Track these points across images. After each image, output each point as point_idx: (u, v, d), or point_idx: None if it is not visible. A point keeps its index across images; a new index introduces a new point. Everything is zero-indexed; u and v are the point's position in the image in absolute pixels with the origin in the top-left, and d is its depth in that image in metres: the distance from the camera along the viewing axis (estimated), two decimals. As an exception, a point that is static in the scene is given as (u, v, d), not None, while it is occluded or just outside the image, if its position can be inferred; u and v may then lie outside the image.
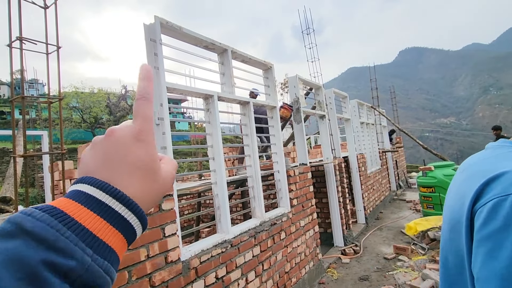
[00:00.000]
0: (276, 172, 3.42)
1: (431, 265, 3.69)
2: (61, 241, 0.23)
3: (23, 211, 0.24)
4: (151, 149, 0.31)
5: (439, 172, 5.58)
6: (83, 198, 0.27)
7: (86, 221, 0.25)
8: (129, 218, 0.28)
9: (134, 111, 0.32)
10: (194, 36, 2.47)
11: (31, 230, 0.22)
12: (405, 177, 11.77)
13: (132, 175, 0.30)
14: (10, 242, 0.22)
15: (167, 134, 2.05)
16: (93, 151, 0.31)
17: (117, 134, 0.31)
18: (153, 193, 0.31)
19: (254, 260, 2.71)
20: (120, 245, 0.27)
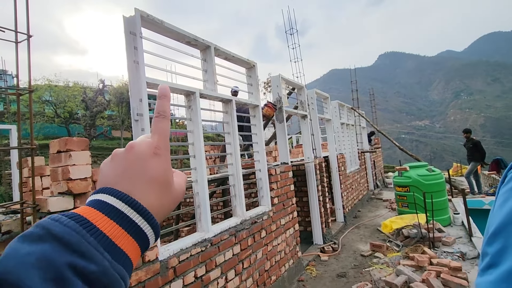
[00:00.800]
0: (258, 170, 3.43)
1: (404, 261, 3.84)
2: (84, 246, 0.25)
3: (51, 217, 0.26)
4: (166, 163, 0.34)
5: (414, 172, 5.81)
6: (104, 207, 0.29)
7: (106, 229, 0.27)
8: (144, 228, 0.30)
9: (152, 127, 0.35)
10: (176, 31, 2.41)
11: (58, 234, 0.24)
12: (382, 177, 12.18)
13: (148, 187, 0.32)
14: (39, 245, 0.23)
15: (147, 130, 1.99)
16: (112, 163, 0.34)
17: (136, 149, 0.33)
18: (167, 204, 0.34)
19: (234, 259, 2.70)
20: (135, 253, 0.29)
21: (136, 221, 0.29)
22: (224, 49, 3.02)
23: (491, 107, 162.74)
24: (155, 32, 2.41)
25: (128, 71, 2.07)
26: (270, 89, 16.11)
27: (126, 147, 0.34)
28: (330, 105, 6.58)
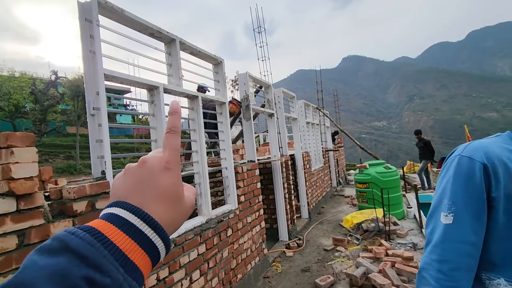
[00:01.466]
0: (224, 168, 3.39)
1: (364, 253, 4.06)
2: (100, 259, 0.25)
3: (67, 230, 0.26)
4: (177, 177, 0.35)
5: (373, 169, 6.17)
6: (117, 220, 0.29)
7: (120, 242, 0.28)
8: (156, 241, 0.30)
9: (163, 143, 0.36)
10: (138, 21, 2.28)
11: (74, 248, 0.25)
12: (344, 174, 12.78)
13: (160, 202, 0.33)
14: (56, 258, 0.24)
15: (104, 126, 1.86)
16: (125, 177, 0.35)
17: (148, 163, 0.34)
18: (177, 218, 0.34)
19: (199, 259, 2.65)
20: (147, 266, 0.29)
21: (148, 234, 0.30)
22: (190, 43, 2.93)
23: (439, 110, 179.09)
24: (115, 21, 2.25)
25: (83, 62, 1.91)
26: (237, 87, 16.03)
27: (139, 162, 0.35)
28: (296, 104, 6.73)
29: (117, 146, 19.20)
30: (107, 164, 1.85)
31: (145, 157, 0.35)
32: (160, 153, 0.35)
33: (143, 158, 0.35)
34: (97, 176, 1.88)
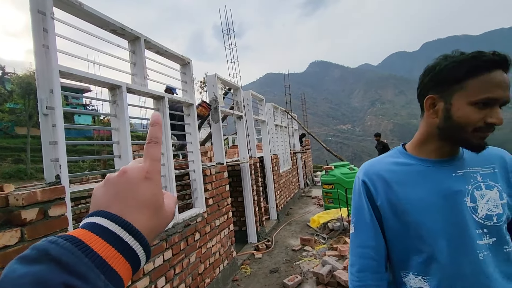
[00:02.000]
0: (192, 171, 3.32)
1: (329, 252, 4.20)
2: (80, 267, 0.26)
3: (48, 239, 0.27)
4: (157, 187, 0.35)
5: (338, 171, 6.43)
6: (98, 229, 0.30)
7: (100, 250, 0.28)
8: (136, 249, 0.31)
9: (144, 153, 0.36)
10: (99, 16, 2.16)
11: (55, 256, 0.25)
12: (312, 176, 13.16)
13: (141, 210, 0.33)
14: (36, 266, 0.24)
15: (59, 126, 1.73)
16: (105, 187, 0.35)
17: (128, 173, 0.35)
18: (157, 225, 0.35)
19: (165, 265, 2.55)
20: (127, 273, 0.30)
21: (128, 242, 0.30)
22: (156, 42, 2.83)
23: (398, 115, 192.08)
24: (73, 15, 2.11)
25: (35, 57, 1.76)
26: (206, 89, 15.90)
27: (119, 172, 0.35)
28: (265, 107, 6.81)
29: (75, 148, 17.94)
30: (62, 168, 1.72)
31: (126, 167, 0.36)
32: (140, 163, 0.36)
33: (123, 168, 0.35)
34: (51, 180, 1.73)
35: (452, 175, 0.83)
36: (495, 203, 0.80)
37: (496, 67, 0.74)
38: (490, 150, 0.86)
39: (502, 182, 0.83)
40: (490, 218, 0.79)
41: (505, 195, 0.82)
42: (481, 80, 0.75)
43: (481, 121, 0.76)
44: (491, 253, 0.78)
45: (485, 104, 0.75)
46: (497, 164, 0.85)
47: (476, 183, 0.82)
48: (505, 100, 0.76)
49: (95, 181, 4.54)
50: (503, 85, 0.74)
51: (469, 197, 0.81)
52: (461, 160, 0.86)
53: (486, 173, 0.84)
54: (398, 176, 0.88)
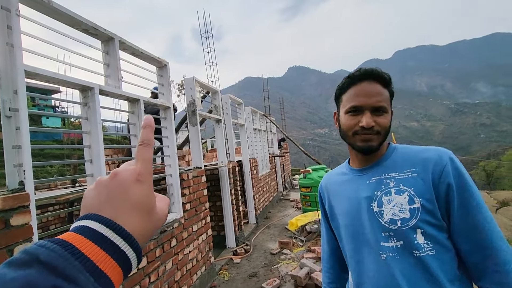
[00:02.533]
0: (169, 176, 3.24)
1: (307, 254, 4.26)
2: (69, 270, 0.25)
3: (37, 243, 0.27)
4: (149, 189, 0.35)
5: (315, 174, 6.55)
6: (88, 232, 0.29)
7: (90, 253, 0.28)
8: (128, 252, 0.30)
9: (136, 155, 0.36)
10: (70, 15, 2.07)
11: (44, 259, 0.25)
12: (290, 179, 13.31)
13: (132, 213, 0.33)
14: (25, 270, 0.24)
15: (23, 129, 1.63)
16: (96, 190, 0.35)
17: (119, 176, 0.34)
18: (149, 229, 0.35)
19: (139, 274, 2.46)
20: (118, 277, 0.29)
21: (119, 245, 0.30)
22: (132, 43, 2.76)
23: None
24: (42, 13, 2.01)
25: (-3, 55, 1.65)
26: (184, 91, 15.70)
27: (110, 175, 0.35)
28: (244, 110, 6.82)
29: (42, 152, 16.91)
30: (27, 174, 1.61)
31: (117, 169, 0.35)
32: (132, 165, 0.36)
33: (114, 170, 0.35)
34: (14, 187, 1.62)
35: (366, 182, 0.92)
36: (402, 208, 0.83)
37: (360, 80, 0.90)
38: (420, 152, 0.88)
39: (419, 186, 0.83)
40: (395, 222, 0.83)
41: (418, 199, 0.82)
42: (349, 93, 0.92)
43: (356, 125, 0.88)
44: (399, 255, 0.83)
45: (355, 111, 0.89)
46: (420, 167, 0.85)
47: (386, 189, 0.87)
48: (371, 105, 0.87)
49: (64, 187, 4.31)
50: (364, 94, 0.88)
51: (376, 202, 0.88)
52: (381, 167, 0.91)
53: (401, 178, 0.86)
54: (336, 186, 1.04)
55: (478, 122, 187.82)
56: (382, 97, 0.88)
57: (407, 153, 0.91)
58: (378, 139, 0.88)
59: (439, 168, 0.82)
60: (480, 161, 53.98)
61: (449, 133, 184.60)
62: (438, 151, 0.87)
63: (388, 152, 0.94)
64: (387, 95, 0.90)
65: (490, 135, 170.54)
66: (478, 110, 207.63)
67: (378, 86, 0.88)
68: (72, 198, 2.62)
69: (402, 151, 0.93)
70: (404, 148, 0.94)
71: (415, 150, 0.91)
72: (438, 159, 0.84)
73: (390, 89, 0.92)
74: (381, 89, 0.88)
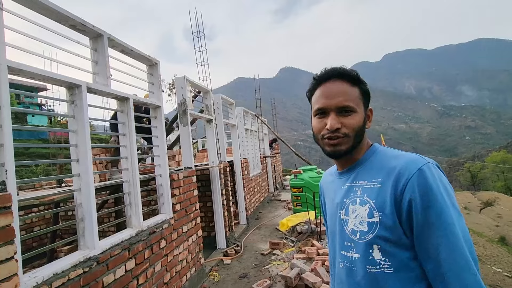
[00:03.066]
0: (158, 176, 3.19)
1: (298, 255, 4.26)
2: None
3: None
4: None
5: (306, 175, 6.58)
6: None
7: None
8: None
9: None
10: (56, 10, 2.01)
11: None
12: (281, 180, 13.34)
13: None
14: None
15: (6, 127, 1.56)
16: None
17: None
18: None
19: (127, 276, 2.41)
20: None
21: None
22: (121, 41, 2.70)
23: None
24: (27, 7, 1.94)
25: (-22, 50, 1.58)
26: (175, 91, 15.53)
27: None
28: (235, 111, 6.79)
29: (27, 152, 16.44)
30: (9, 173, 1.55)
31: None
32: None
33: None
34: (-5, 187, 1.56)
35: (341, 187, 0.90)
36: (361, 220, 0.79)
37: (325, 80, 0.85)
38: (392, 158, 0.81)
39: (381, 199, 0.76)
40: (355, 233, 0.81)
41: (378, 213, 0.76)
42: (315, 95, 0.88)
43: (323, 128, 0.84)
44: (356, 267, 0.81)
45: (322, 113, 0.84)
46: (385, 177, 0.78)
47: (354, 197, 0.84)
48: (335, 105, 0.81)
49: (50, 187, 4.19)
50: (327, 94, 0.83)
51: (343, 210, 0.86)
52: (354, 172, 0.87)
53: (368, 187, 0.81)
54: (328, 185, 1.03)
55: (463, 124, 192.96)
56: (348, 96, 0.82)
57: (381, 159, 0.84)
58: (348, 142, 0.82)
59: (403, 181, 0.73)
60: (465, 162, 55.41)
61: (436, 135, 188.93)
62: (409, 159, 0.77)
63: (365, 156, 0.87)
64: (355, 93, 0.83)
65: (475, 137, 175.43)
66: (464, 113, 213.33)
67: (344, 85, 0.83)
68: (57, 198, 2.55)
69: (380, 155, 0.85)
70: (385, 151, 0.86)
71: (390, 156, 0.83)
72: (403, 170, 0.75)
73: (362, 87, 0.85)
74: (347, 87, 0.83)
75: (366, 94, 0.87)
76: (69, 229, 5.02)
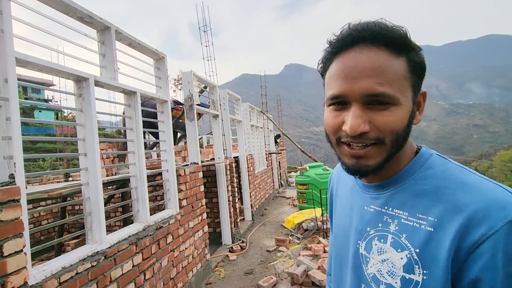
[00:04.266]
0: (165, 171, 3.17)
1: (304, 252, 4.23)
2: None
3: None
4: None
5: (312, 171, 6.53)
6: None
7: None
8: None
9: None
10: (64, 1, 1.98)
11: None
12: (286, 177, 13.30)
13: None
14: None
15: (14, 120, 1.55)
16: None
17: None
18: None
19: (135, 271, 2.40)
20: None
21: None
22: (128, 34, 2.67)
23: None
24: (34, -1, 1.92)
25: (-14, 41, 1.57)
26: (180, 87, 15.51)
27: None
28: (241, 107, 6.75)
29: (34, 146, 16.64)
30: (18, 166, 1.54)
31: None
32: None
33: None
34: (4, 180, 1.55)
35: (364, 206, 0.62)
36: (392, 271, 0.53)
37: (346, 46, 0.52)
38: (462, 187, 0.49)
39: (431, 250, 0.48)
40: (378, 282, 0.55)
41: (421, 270, 0.49)
42: (329, 71, 0.56)
43: (340, 128, 0.54)
44: None
45: (339, 104, 0.54)
46: (446, 218, 0.48)
47: (382, 231, 0.56)
48: (361, 93, 0.50)
49: (57, 182, 4.21)
50: (350, 72, 0.51)
51: (364, 242, 0.60)
52: (389, 193, 0.58)
53: (408, 224, 0.53)
54: (342, 183, 0.77)
55: (471, 123, 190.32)
56: (385, 75, 0.49)
57: (438, 181, 0.52)
58: (380, 154, 0.52)
59: (475, 234, 0.44)
60: (472, 161, 54.74)
61: (443, 133, 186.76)
62: (491, 197, 0.45)
63: (407, 169, 0.56)
64: (398, 70, 0.50)
65: (482, 136, 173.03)
66: (471, 111, 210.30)
67: (379, 54, 0.50)
68: (65, 192, 2.55)
69: (437, 173, 0.53)
70: (444, 168, 0.53)
71: (455, 179, 0.51)
72: (479, 215, 0.45)
73: (413, 58, 0.51)
74: (385, 60, 0.50)
75: (418, 68, 0.52)
76: (76, 223, 5.06)
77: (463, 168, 0.52)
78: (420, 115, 0.56)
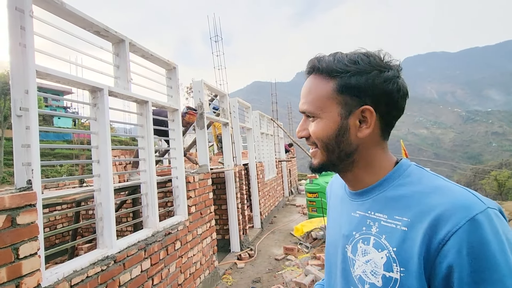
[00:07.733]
0: (175, 178, 3.24)
1: (312, 261, 4.19)
2: None
3: None
4: None
5: (322, 179, 6.48)
6: None
7: None
8: None
9: None
10: (82, 17, 2.10)
11: None
12: (296, 184, 13.21)
13: None
14: None
15: (33, 129, 1.64)
16: None
17: None
18: None
19: (143, 276, 2.45)
20: None
21: None
22: (142, 46, 2.78)
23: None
24: (55, 14, 2.04)
25: (10, 55, 1.68)
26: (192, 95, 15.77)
27: None
28: (251, 114, 6.81)
29: (52, 152, 17.21)
30: (35, 172, 1.63)
31: None
32: None
33: None
34: (22, 185, 1.64)
35: (351, 213, 0.68)
36: (374, 270, 0.57)
37: (307, 73, 0.67)
38: (433, 192, 0.54)
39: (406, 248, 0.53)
40: (363, 283, 0.60)
41: (398, 268, 0.53)
42: None
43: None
44: None
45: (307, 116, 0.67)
46: (417, 219, 0.53)
47: (366, 233, 0.61)
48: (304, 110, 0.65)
49: (72, 187, 4.36)
50: (303, 94, 0.66)
51: (351, 246, 0.65)
52: (371, 199, 0.63)
53: (387, 226, 0.57)
54: (335, 193, 0.83)
55: (490, 130, 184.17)
56: (311, 96, 0.63)
57: (414, 188, 0.58)
58: (319, 156, 0.65)
59: (443, 232, 0.48)
60: (491, 170, 52.72)
61: (459, 141, 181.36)
62: (458, 199, 0.51)
63: (390, 176, 0.62)
64: (323, 91, 0.61)
65: (502, 144, 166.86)
66: (490, 118, 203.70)
67: (315, 80, 0.63)
68: (78, 198, 2.64)
69: (413, 181, 0.59)
70: (420, 176, 0.60)
71: (427, 185, 0.56)
72: (446, 215, 0.49)
73: (345, 79, 0.59)
74: (316, 84, 0.62)
75: (350, 88, 0.59)
76: (89, 227, 5.19)
77: (437, 176, 0.59)
78: (367, 129, 0.61)
